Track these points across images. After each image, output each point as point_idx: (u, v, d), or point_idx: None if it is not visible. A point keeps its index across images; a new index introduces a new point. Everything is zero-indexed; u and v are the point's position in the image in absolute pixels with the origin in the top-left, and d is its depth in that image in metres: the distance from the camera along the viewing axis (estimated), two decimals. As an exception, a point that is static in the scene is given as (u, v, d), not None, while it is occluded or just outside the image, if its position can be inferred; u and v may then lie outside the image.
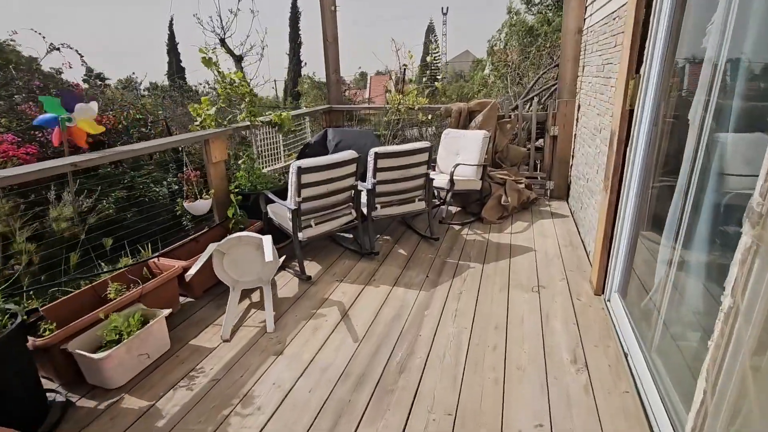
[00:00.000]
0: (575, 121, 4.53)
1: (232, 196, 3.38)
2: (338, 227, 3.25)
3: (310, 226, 3.08)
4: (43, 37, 7.00)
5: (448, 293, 2.85)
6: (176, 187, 4.92)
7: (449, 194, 4.03)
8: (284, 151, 4.69)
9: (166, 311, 2.34)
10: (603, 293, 2.71)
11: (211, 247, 2.63)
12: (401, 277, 3.10)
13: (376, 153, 3.17)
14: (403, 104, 4.73)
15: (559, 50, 9.65)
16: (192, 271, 2.29)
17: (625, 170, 2.40)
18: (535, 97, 7.79)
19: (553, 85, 7.63)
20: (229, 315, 2.55)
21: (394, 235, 3.93)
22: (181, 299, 2.89)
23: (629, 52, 2.24)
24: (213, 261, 2.69)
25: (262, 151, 4.32)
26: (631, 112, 2.31)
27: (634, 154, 2.30)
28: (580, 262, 3.27)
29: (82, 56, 7.45)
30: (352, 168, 3.13)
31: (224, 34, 8.26)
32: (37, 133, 5.06)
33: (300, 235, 3.05)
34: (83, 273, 2.80)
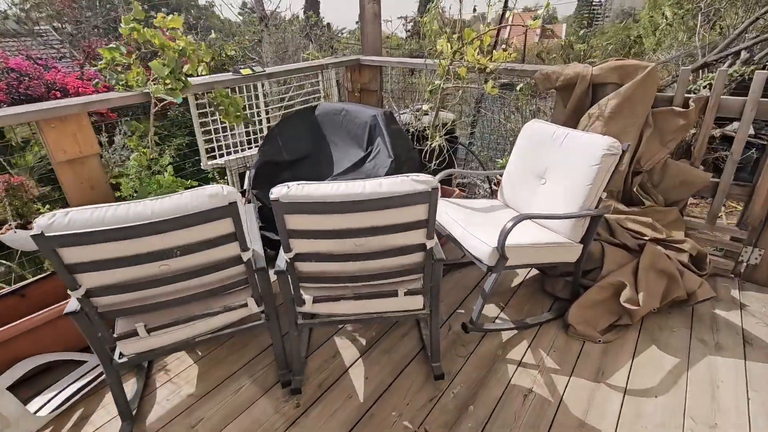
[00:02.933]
0: None
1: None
2: (209, 332, 1.56)
3: (136, 335, 1.45)
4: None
5: None
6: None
7: (494, 281, 1.87)
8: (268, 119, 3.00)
9: None
10: None
11: None
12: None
13: (277, 203, 1.30)
14: (458, 62, 2.55)
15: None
16: None
17: None
18: (742, 52, 4.53)
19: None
20: None
21: (370, 326, 2.07)
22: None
23: None
24: None
25: (223, 128, 2.74)
26: None
27: None
28: None
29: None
30: (223, 227, 1.34)
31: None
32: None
33: (117, 353, 1.47)
34: None
